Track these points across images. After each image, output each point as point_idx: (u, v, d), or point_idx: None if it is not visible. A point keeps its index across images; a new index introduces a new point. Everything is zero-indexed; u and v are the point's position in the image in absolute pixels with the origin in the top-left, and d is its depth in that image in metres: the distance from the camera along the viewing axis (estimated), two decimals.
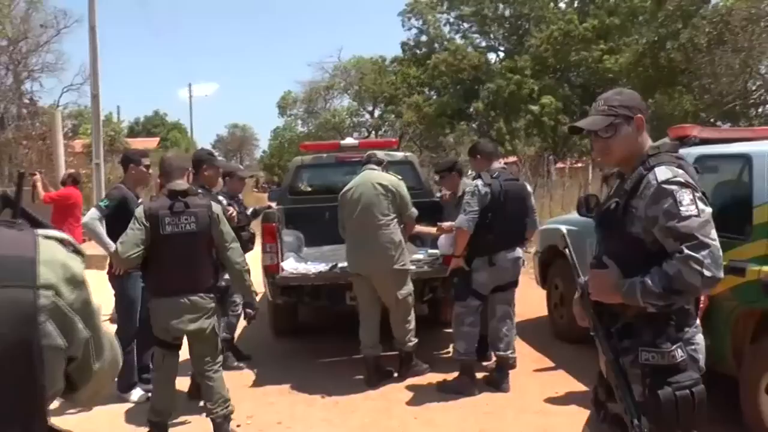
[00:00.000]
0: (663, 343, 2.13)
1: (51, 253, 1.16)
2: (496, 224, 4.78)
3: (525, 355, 5.69)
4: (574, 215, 6.62)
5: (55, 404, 1.42)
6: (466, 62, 29.27)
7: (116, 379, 4.42)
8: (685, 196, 2.07)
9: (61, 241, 1.20)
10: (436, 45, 33.02)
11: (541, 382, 5.10)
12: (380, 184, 5.05)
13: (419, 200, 5.99)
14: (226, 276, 4.39)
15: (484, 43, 32.85)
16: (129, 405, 4.79)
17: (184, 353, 4.00)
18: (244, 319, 4.35)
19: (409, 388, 5.02)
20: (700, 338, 2.22)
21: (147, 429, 4.04)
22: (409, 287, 5.11)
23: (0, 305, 1.07)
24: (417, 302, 5.39)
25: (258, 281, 6.44)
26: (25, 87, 25.17)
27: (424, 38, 33.56)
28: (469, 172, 7.68)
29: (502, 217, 4.78)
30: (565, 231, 2.54)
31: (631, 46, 21.84)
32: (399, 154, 7.44)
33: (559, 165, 22.35)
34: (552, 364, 5.56)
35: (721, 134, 5.07)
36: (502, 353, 4.97)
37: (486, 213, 4.74)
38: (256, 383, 5.28)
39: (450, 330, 5.32)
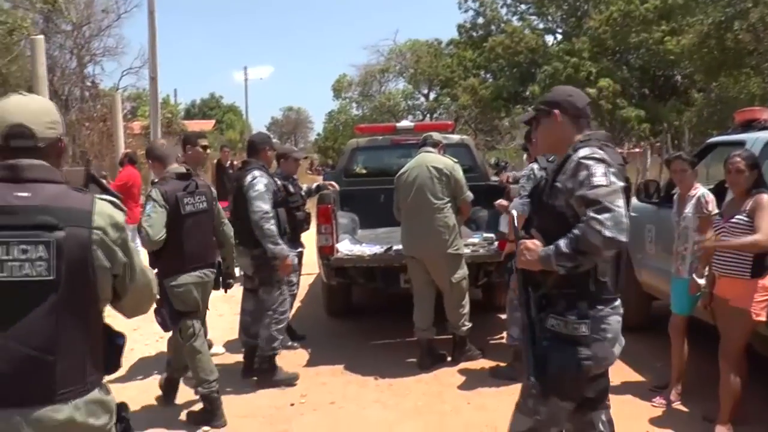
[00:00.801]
0: (571, 315, 2.33)
1: (102, 208, 1.78)
2: None
3: None
4: (632, 201, 6.48)
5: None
6: (523, 45, 28.73)
7: None
8: (598, 170, 2.29)
9: (111, 202, 1.82)
10: (493, 27, 32.48)
11: None
12: (435, 168, 5.03)
13: (475, 183, 5.95)
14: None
15: (541, 25, 32.14)
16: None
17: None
18: (223, 287, 4.53)
19: (462, 372, 5.02)
20: (614, 320, 2.38)
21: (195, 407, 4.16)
22: (464, 271, 5.10)
23: (69, 237, 1.70)
24: (471, 286, 5.37)
25: (312, 262, 6.56)
26: (88, 70, 25.92)
27: (480, 20, 33.02)
28: (524, 157, 7.59)
29: None
30: (514, 213, 2.64)
31: (694, 27, 21.03)
32: (455, 137, 7.40)
33: (616, 150, 21.82)
34: None
35: None
36: None
37: None
38: (310, 363, 5.36)
39: (504, 315, 5.29)
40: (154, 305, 3.10)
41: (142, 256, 2.02)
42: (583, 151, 2.37)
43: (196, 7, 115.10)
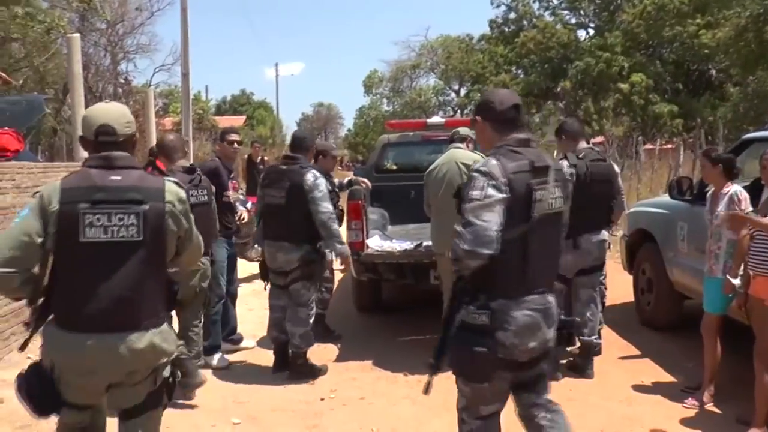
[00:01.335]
0: (472, 306, 2.54)
1: (170, 187, 2.46)
2: (581, 206, 4.67)
3: (610, 342, 5.57)
4: (664, 198, 6.40)
5: None
6: (555, 40, 28.48)
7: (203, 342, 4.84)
8: (477, 183, 2.50)
9: (175, 182, 2.53)
10: (525, 22, 32.26)
11: (627, 370, 4.99)
12: (464, 164, 5.01)
13: None
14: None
15: (573, 20, 31.83)
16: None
17: None
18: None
19: None
20: (520, 314, 2.52)
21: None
22: None
23: (151, 210, 2.36)
24: None
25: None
26: (121, 67, 26.31)
27: (512, 15, 32.82)
28: (555, 153, 7.53)
29: (587, 198, 4.67)
30: None
31: (731, 20, 20.60)
32: None
33: (648, 146, 21.44)
34: (638, 352, 5.43)
35: None
36: (586, 339, 4.88)
37: (571, 194, 4.65)
38: (339, 358, 5.41)
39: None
40: None
41: None
42: (481, 162, 2.60)
43: (228, 4, 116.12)
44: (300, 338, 4.84)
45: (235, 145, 5.41)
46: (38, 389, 2.37)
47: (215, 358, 5.17)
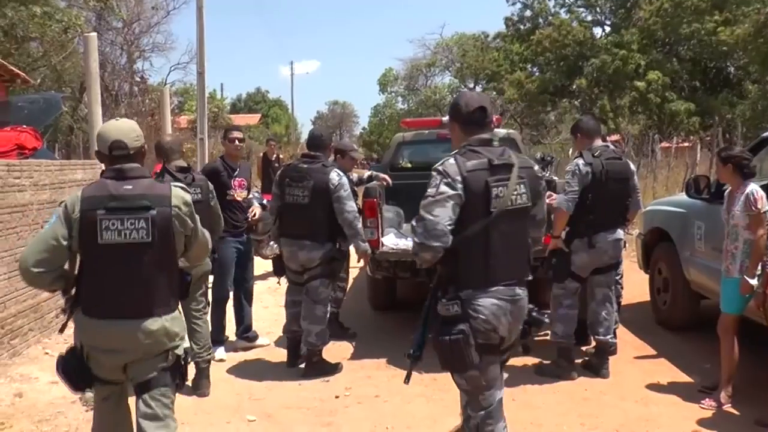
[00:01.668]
0: (444, 298, 2.72)
1: (176, 192, 2.78)
2: (597, 204, 4.65)
3: (626, 341, 5.55)
4: (680, 197, 6.35)
5: None
6: (571, 38, 28.20)
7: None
8: (433, 180, 2.71)
9: (181, 187, 2.86)
10: (541, 20, 31.97)
11: (642, 370, 4.96)
12: None
13: None
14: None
15: (589, 17, 31.52)
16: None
17: None
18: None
19: (506, 369, 4.96)
20: (487, 302, 2.69)
21: None
22: None
23: (159, 215, 2.69)
24: None
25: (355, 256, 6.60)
26: (137, 66, 26.52)
27: (528, 13, 32.55)
28: (571, 151, 7.50)
29: (603, 197, 4.65)
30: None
31: (750, 16, 20.36)
32: (502, 131, 7.33)
33: (664, 144, 21.26)
34: (654, 352, 5.39)
35: None
36: (601, 338, 4.86)
37: (586, 193, 4.63)
38: (354, 356, 5.42)
39: (547, 312, 5.25)
40: None
41: None
42: (441, 161, 2.77)
43: (244, 2, 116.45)
44: (316, 336, 4.86)
45: (237, 142, 5.42)
46: (73, 368, 2.79)
47: (218, 352, 5.28)
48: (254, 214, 5.41)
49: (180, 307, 2.96)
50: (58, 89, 20.11)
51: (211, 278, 4.86)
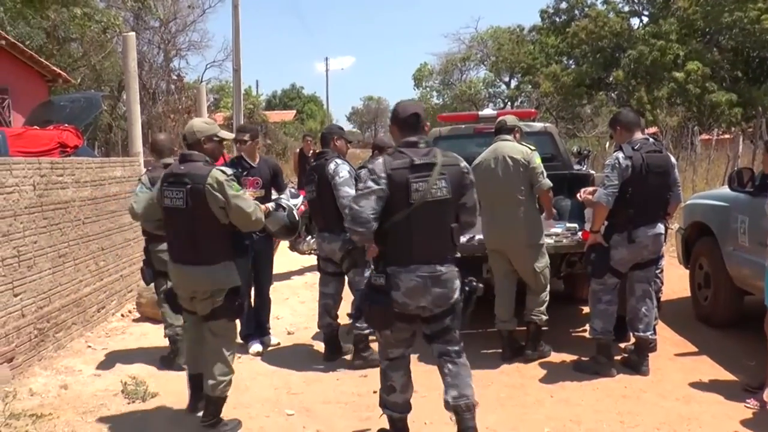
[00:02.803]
0: (374, 271, 3.38)
1: (213, 173, 3.65)
2: (637, 198, 4.57)
3: (665, 338, 5.46)
4: (722, 190, 6.22)
5: None
6: (607, 29, 27.77)
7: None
8: (363, 177, 3.39)
9: (219, 169, 3.69)
10: (577, 12, 31.56)
11: (683, 368, 4.87)
12: (511, 157, 4.94)
13: (558, 172, 5.84)
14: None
15: (626, 8, 30.97)
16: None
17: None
18: None
19: (544, 365, 4.96)
20: (406, 277, 3.27)
21: None
22: (546, 260, 5.02)
23: (193, 188, 3.64)
24: (553, 277, 5.28)
25: None
26: (173, 64, 26.92)
27: (564, 5, 32.13)
28: (607, 145, 7.39)
29: (643, 190, 4.57)
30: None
31: None
32: (538, 125, 7.25)
33: (704, 137, 20.78)
34: (695, 349, 5.29)
35: None
36: (641, 334, 4.78)
37: (626, 187, 4.55)
38: None
39: (586, 308, 5.20)
40: (142, 264, 5.06)
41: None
42: (372, 161, 3.52)
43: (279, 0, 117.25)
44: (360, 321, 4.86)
45: (239, 144, 5.41)
46: (169, 299, 4.05)
47: (252, 346, 5.40)
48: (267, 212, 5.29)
49: (232, 261, 3.79)
50: (97, 88, 20.54)
51: None
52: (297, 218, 5.22)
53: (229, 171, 3.76)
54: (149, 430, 4.03)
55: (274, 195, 5.38)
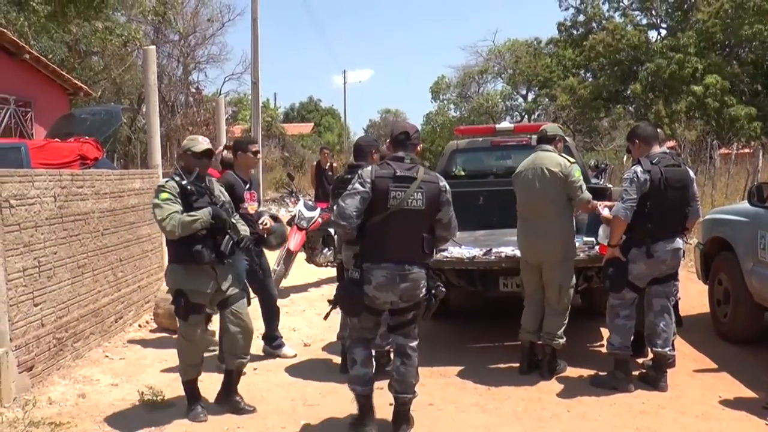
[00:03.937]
0: (351, 264, 3.89)
1: (161, 181, 4.36)
2: (655, 213, 4.54)
3: (684, 354, 5.40)
4: (742, 205, 6.16)
5: None
6: (625, 42, 27.68)
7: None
8: (354, 180, 3.83)
9: (169, 179, 4.23)
10: (594, 25, 31.49)
11: (702, 384, 4.81)
12: (548, 170, 4.88)
13: None
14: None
15: (644, 21, 30.86)
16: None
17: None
18: None
19: (561, 379, 4.92)
20: (378, 273, 3.74)
21: None
22: (573, 279, 4.98)
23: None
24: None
25: None
26: (192, 77, 27.22)
27: (581, 18, 32.09)
28: (625, 159, 7.35)
29: (661, 205, 4.54)
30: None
31: None
32: None
33: (723, 151, 20.58)
34: (714, 366, 5.22)
35: None
36: (659, 350, 4.73)
37: (644, 201, 4.52)
38: None
39: (604, 322, 5.15)
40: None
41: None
42: (362, 168, 3.97)
43: (298, 13, 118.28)
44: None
45: (259, 156, 5.49)
46: (182, 301, 4.13)
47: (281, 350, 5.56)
48: (266, 224, 5.27)
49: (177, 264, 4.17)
50: (117, 101, 20.79)
51: None
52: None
53: (173, 181, 4.12)
54: None
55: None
